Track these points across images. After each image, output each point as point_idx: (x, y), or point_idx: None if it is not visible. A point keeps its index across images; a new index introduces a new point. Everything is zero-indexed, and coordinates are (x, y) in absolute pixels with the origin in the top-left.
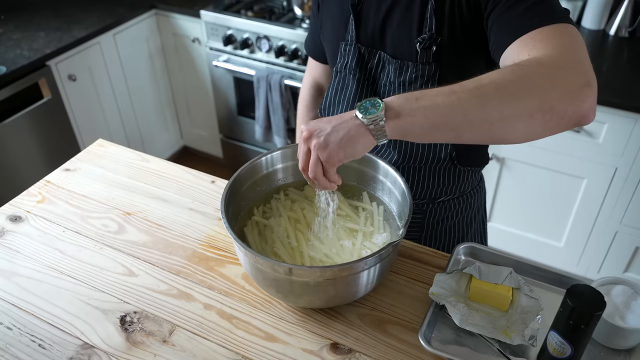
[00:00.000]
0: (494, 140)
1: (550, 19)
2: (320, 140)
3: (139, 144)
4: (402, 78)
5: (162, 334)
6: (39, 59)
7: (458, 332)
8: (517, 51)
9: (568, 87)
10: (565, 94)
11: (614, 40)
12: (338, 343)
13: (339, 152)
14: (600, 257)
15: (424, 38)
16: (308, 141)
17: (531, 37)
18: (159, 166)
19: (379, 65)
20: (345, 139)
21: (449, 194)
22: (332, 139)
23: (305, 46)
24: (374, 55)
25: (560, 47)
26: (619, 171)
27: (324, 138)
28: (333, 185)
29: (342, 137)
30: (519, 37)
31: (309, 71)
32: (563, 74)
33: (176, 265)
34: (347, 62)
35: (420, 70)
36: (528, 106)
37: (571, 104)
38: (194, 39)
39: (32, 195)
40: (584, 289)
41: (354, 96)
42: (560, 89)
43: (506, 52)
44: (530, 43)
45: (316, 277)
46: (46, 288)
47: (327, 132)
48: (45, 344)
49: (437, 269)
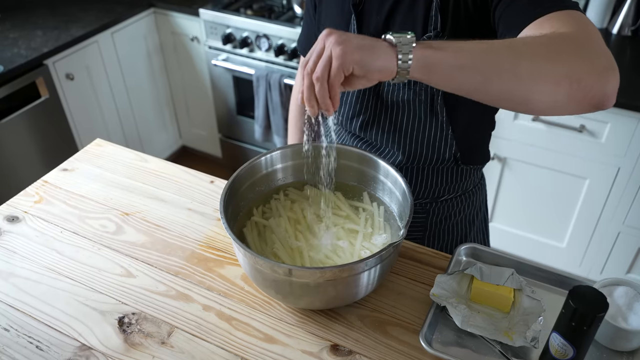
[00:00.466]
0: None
1: (564, 5)
2: (341, 38)
3: (137, 144)
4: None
5: (160, 335)
6: (37, 58)
7: (459, 333)
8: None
9: (595, 65)
10: (593, 70)
11: (616, 39)
12: (338, 345)
13: (355, 54)
14: (603, 258)
15: (430, 36)
16: (327, 38)
17: (547, 18)
18: (158, 166)
19: None
20: (367, 46)
21: (451, 193)
22: (353, 41)
23: (299, 45)
24: None
25: (580, 29)
26: (622, 171)
27: (346, 36)
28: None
29: (365, 44)
30: (535, 20)
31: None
32: (589, 52)
33: (175, 266)
34: None
35: None
36: (557, 70)
37: (598, 81)
38: (192, 38)
39: (30, 196)
40: (586, 290)
41: (356, 97)
42: (588, 64)
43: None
44: (547, 23)
45: (316, 278)
46: (43, 289)
47: (351, 36)
48: (42, 346)
49: (438, 270)
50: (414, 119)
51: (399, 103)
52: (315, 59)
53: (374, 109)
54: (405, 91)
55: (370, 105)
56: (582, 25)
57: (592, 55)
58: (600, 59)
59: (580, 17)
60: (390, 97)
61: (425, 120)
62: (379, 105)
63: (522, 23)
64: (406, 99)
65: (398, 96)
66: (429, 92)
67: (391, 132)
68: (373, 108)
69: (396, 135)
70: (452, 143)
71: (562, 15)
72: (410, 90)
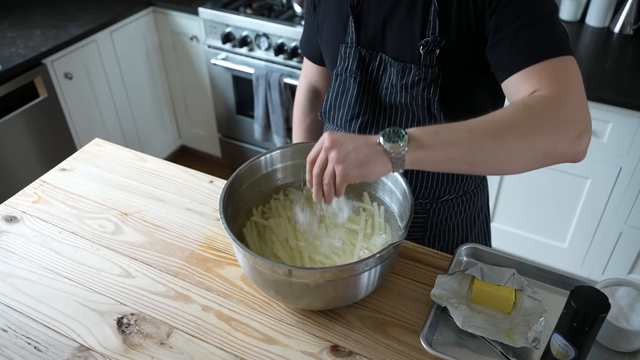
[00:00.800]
0: (497, 173)
1: (555, 51)
2: (341, 155)
3: (136, 144)
4: (404, 81)
5: (159, 336)
6: (35, 57)
7: (460, 334)
8: (522, 82)
9: (570, 133)
10: (567, 138)
11: (618, 38)
12: (338, 345)
13: (355, 171)
14: (605, 258)
15: (428, 41)
16: (329, 151)
17: (537, 70)
18: (157, 166)
19: (381, 67)
20: (364, 160)
21: (452, 193)
22: (352, 157)
23: (301, 46)
24: (375, 58)
25: (565, 85)
26: (624, 171)
27: (345, 154)
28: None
29: (362, 159)
30: (525, 68)
31: (305, 74)
32: (567, 118)
33: (174, 267)
34: (347, 65)
35: (423, 73)
36: (535, 149)
37: (570, 147)
38: (192, 37)
39: (28, 196)
40: (588, 290)
41: (355, 99)
42: (564, 133)
43: (510, 79)
44: (535, 77)
45: (316, 279)
46: (42, 289)
47: (349, 149)
48: (41, 347)
49: (438, 270)
50: (412, 122)
51: (397, 106)
52: (320, 166)
53: (373, 111)
54: (403, 95)
55: (369, 107)
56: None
57: (568, 124)
58: (576, 125)
59: (571, 67)
60: (388, 100)
61: (424, 122)
62: (377, 108)
63: (512, 68)
64: (404, 102)
65: (396, 99)
66: (426, 97)
67: None
68: (372, 110)
69: None
70: None
71: (549, 68)
72: (407, 94)
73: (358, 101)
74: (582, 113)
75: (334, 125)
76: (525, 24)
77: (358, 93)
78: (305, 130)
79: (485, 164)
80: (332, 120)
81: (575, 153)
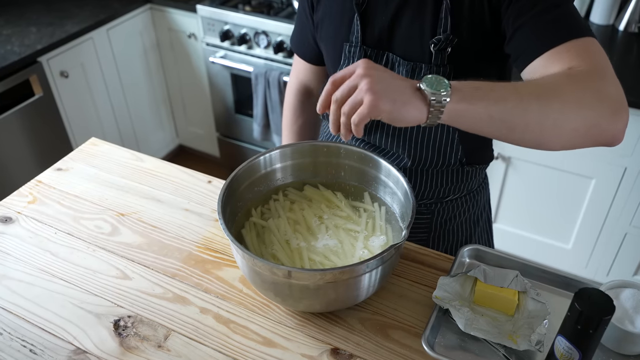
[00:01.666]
0: (534, 144)
1: (579, 32)
2: (375, 85)
3: (133, 143)
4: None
5: (157, 338)
6: (30, 55)
7: (462, 337)
8: (551, 62)
9: (612, 106)
10: (609, 112)
11: (623, 36)
12: (338, 348)
13: (387, 105)
14: (609, 260)
15: (440, 39)
16: (362, 77)
17: (566, 49)
18: (154, 165)
19: (387, 67)
20: (400, 100)
21: (456, 193)
22: (387, 91)
23: (292, 44)
24: (382, 57)
25: (597, 63)
26: (629, 171)
27: (379, 85)
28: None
29: (399, 97)
30: (552, 49)
31: (295, 73)
32: (609, 94)
33: (171, 268)
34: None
35: (435, 72)
36: (578, 119)
37: (612, 123)
38: (189, 35)
39: (23, 196)
40: (592, 292)
41: None
42: (606, 106)
43: (535, 62)
44: (565, 55)
45: (316, 280)
46: (37, 291)
47: (386, 83)
48: (36, 349)
49: (440, 271)
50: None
51: None
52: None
53: None
54: None
55: None
56: (598, 60)
57: (610, 101)
58: (617, 103)
59: (595, 47)
60: None
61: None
62: None
63: (537, 50)
64: None
65: None
66: None
67: (396, 135)
68: None
69: (401, 139)
70: (459, 148)
71: (578, 47)
72: None
73: None
74: (620, 92)
75: None
76: (544, 10)
77: None
78: (297, 133)
79: (525, 129)
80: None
81: (616, 131)
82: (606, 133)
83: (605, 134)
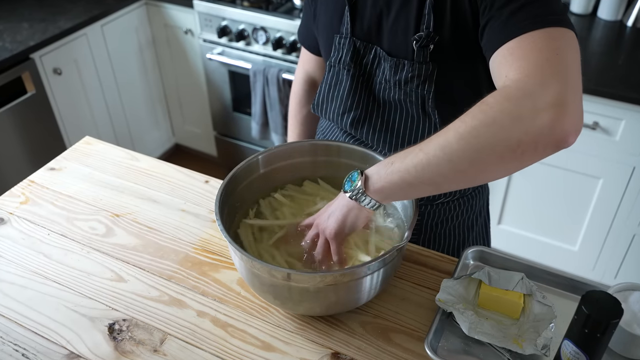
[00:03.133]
0: (473, 184)
1: (540, 22)
2: (322, 223)
3: (128, 142)
4: (397, 77)
5: (152, 342)
6: (23, 52)
7: (466, 341)
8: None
9: (535, 118)
10: (531, 125)
11: (631, 32)
12: (339, 353)
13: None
14: (617, 262)
15: (421, 36)
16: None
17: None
18: (150, 165)
19: (375, 61)
20: (341, 218)
21: (448, 195)
22: (331, 221)
23: (299, 35)
24: (370, 50)
25: (538, 61)
26: (637, 170)
27: (325, 221)
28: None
29: (339, 217)
30: (504, 45)
31: (302, 64)
32: (531, 102)
33: (168, 270)
34: (341, 56)
35: (417, 69)
36: (494, 150)
37: (540, 134)
38: (186, 31)
39: (15, 196)
40: (599, 295)
41: (347, 92)
42: (527, 120)
43: (492, 58)
44: (509, 59)
45: (316, 283)
46: (30, 294)
47: (326, 216)
48: (29, 354)
49: (444, 274)
50: (406, 119)
51: (390, 102)
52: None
53: (366, 106)
54: (396, 91)
55: (362, 102)
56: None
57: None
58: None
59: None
60: (382, 95)
61: (418, 120)
62: (370, 102)
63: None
64: (397, 98)
65: (389, 95)
66: (420, 94)
67: (382, 131)
68: (365, 105)
69: (387, 134)
70: None
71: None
72: (401, 90)
73: (351, 94)
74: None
75: (326, 120)
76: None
77: (351, 86)
78: (301, 122)
79: (447, 180)
80: (325, 113)
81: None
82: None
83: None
